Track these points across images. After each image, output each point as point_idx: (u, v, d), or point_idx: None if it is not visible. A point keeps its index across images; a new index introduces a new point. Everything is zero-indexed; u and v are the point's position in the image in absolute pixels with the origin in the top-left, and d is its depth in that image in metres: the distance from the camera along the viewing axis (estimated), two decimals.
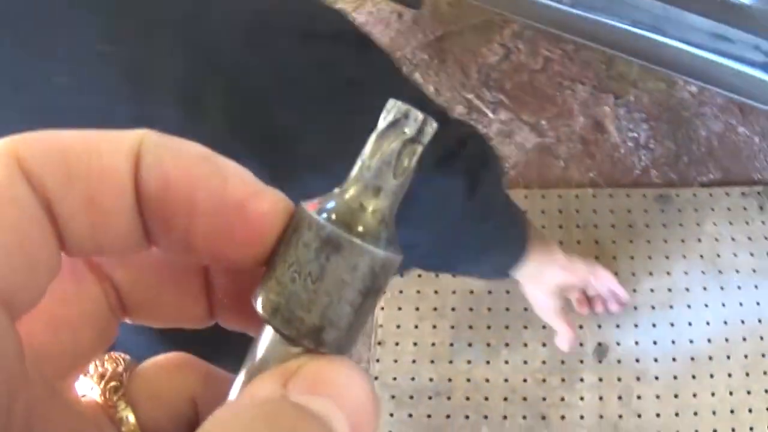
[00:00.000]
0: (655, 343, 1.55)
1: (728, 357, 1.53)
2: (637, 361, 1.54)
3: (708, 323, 1.56)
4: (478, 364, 1.54)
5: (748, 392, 1.51)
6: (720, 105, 1.76)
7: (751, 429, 1.49)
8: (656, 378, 1.53)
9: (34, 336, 0.19)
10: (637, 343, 1.55)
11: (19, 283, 0.17)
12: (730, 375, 1.52)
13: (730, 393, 1.51)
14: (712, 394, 1.51)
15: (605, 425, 1.47)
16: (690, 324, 1.56)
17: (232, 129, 0.61)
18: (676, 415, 1.51)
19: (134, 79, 0.58)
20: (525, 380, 1.52)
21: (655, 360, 1.54)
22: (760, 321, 1.55)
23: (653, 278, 1.60)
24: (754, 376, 1.51)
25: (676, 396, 1.52)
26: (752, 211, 1.63)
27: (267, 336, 0.20)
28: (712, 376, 1.52)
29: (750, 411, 1.50)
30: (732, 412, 1.50)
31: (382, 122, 0.20)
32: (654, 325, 1.56)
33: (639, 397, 1.52)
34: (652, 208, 1.68)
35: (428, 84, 1.81)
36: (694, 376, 1.52)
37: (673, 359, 1.54)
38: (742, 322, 1.55)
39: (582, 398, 1.50)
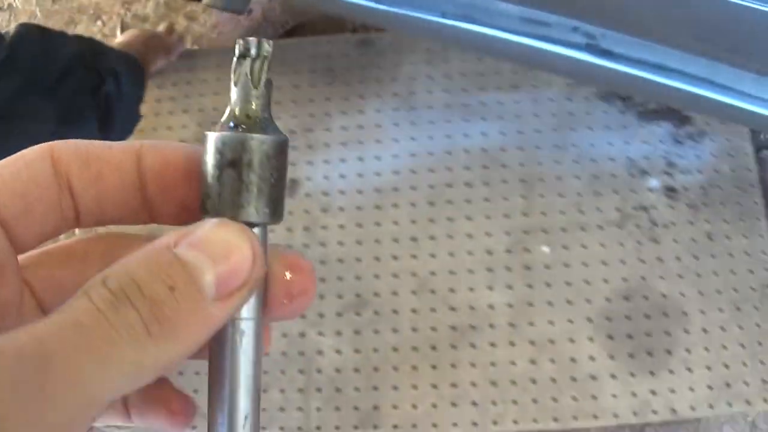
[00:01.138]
0: (342, 176, 1.56)
1: (413, 188, 1.56)
2: (325, 194, 1.55)
3: (395, 156, 1.58)
4: None
5: (431, 220, 1.54)
6: None
7: (432, 255, 1.51)
8: (341, 209, 1.55)
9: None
10: (326, 177, 1.56)
11: (14, 216, 0.26)
12: (413, 204, 1.54)
13: (413, 221, 1.53)
14: (395, 223, 1.53)
15: None
16: (378, 158, 1.58)
17: None
18: (359, 243, 1.52)
19: None
20: None
21: (342, 192, 1.56)
22: (449, 153, 1.59)
23: (346, 116, 1.62)
24: (439, 205, 1.55)
25: (359, 225, 1.53)
26: (453, 50, 1.68)
27: None
28: (396, 206, 1.54)
29: (432, 238, 1.52)
30: (413, 239, 1.52)
31: (234, 57, 0.27)
32: (343, 160, 1.58)
33: (324, 227, 1.53)
34: (353, 51, 1.71)
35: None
36: (378, 207, 1.54)
37: (359, 191, 1.55)
38: (431, 154, 1.58)
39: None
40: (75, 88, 1.25)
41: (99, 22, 1.90)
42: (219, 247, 0.24)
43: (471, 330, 1.47)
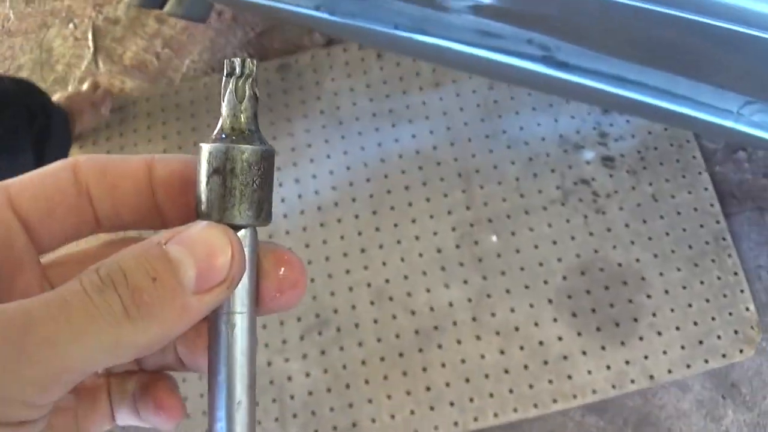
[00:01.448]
0: (283, 200, 1.55)
1: (354, 200, 1.55)
2: None
3: (331, 172, 1.58)
4: None
5: (377, 229, 1.53)
6: None
7: (384, 263, 1.50)
8: (287, 233, 1.54)
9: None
10: None
11: (37, 218, 0.30)
12: (357, 216, 1.54)
13: (359, 233, 1.53)
14: (342, 238, 1.52)
15: None
16: (314, 177, 1.58)
17: None
18: (309, 263, 1.51)
19: None
20: None
21: (285, 216, 1.55)
22: (383, 160, 1.59)
23: (277, 142, 1.62)
24: (382, 213, 1.54)
25: (307, 246, 1.52)
26: (370, 60, 1.69)
27: None
28: (339, 221, 1.54)
29: (380, 247, 1.52)
30: (363, 251, 1.51)
31: (222, 76, 0.30)
32: (280, 185, 1.57)
33: None
34: (273, 78, 1.71)
35: None
36: (322, 224, 1.53)
37: (301, 212, 1.55)
38: (365, 165, 1.58)
39: None
40: (9, 121, 1.28)
41: (71, 25, 1.92)
42: (202, 246, 0.28)
43: (435, 331, 1.46)
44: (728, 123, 0.97)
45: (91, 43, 1.89)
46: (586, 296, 1.47)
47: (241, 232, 0.29)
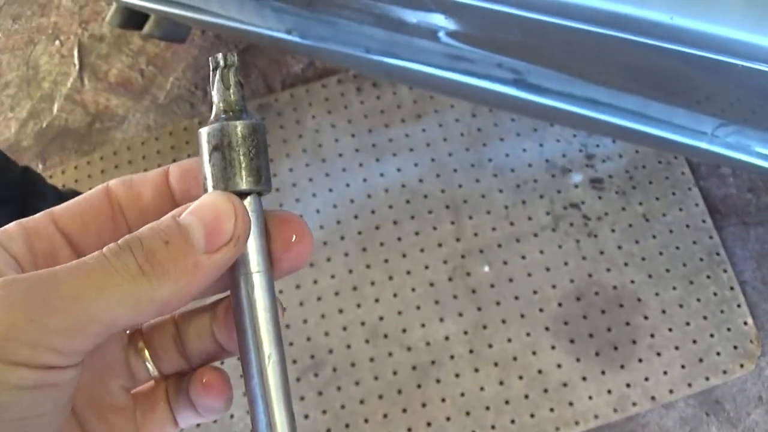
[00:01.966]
0: None
1: (342, 238, 1.56)
2: None
3: (318, 211, 1.59)
4: None
5: (367, 266, 1.54)
6: None
7: (376, 300, 1.51)
8: None
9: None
10: None
11: (76, 231, 0.35)
12: (346, 254, 1.55)
13: (349, 271, 1.54)
14: (332, 277, 1.53)
15: None
16: (301, 216, 1.58)
17: None
18: (301, 304, 1.52)
19: None
20: None
21: None
22: (370, 196, 1.60)
23: None
24: (372, 250, 1.55)
25: (298, 287, 1.53)
26: (350, 95, 1.71)
27: None
28: (329, 259, 1.55)
29: (372, 284, 1.52)
30: (354, 289, 1.52)
31: (210, 70, 0.35)
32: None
33: None
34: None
35: None
36: (311, 264, 1.54)
37: None
38: (352, 201, 1.60)
39: None
40: (11, 214, 1.27)
41: (57, 42, 1.95)
42: (209, 210, 0.32)
43: (432, 366, 1.46)
44: (703, 144, 0.99)
45: (76, 60, 1.92)
46: (583, 321, 1.48)
47: (247, 200, 0.33)
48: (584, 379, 1.44)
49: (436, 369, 1.46)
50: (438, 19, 0.97)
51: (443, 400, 1.44)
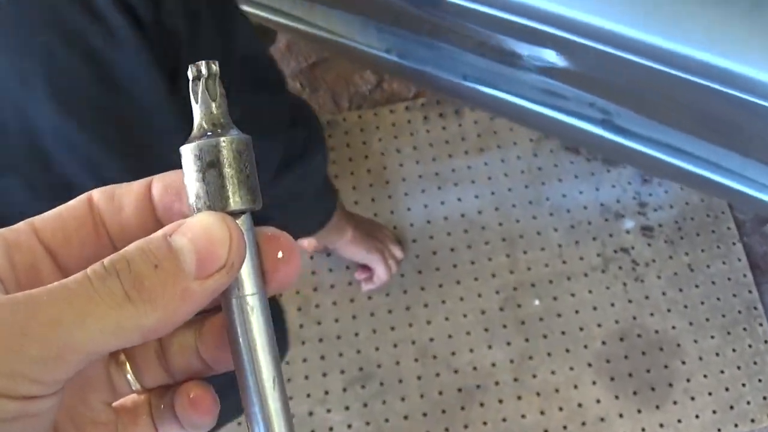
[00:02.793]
0: (328, 255, 1.67)
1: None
2: (314, 273, 1.67)
3: None
4: None
5: (422, 288, 1.66)
6: None
7: (428, 322, 1.63)
8: (332, 286, 1.66)
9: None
10: (312, 257, 1.67)
11: (58, 245, 0.34)
12: (402, 275, 1.67)
13: (404, 291, 1.66)
14: (387, 295, 1.65)
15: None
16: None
17: None
18: (354, 318, 1.63)
19: None
20: None
21: (330, 270, 1.67)
22: (428, 222, 1.72)
23: None
24: (427, 273, 1.67)
25: (352, 300, 1.65)
26: (417, 122, 1.83)
27: None
28: None
29: (425, 305, 1.64)
30: (407, 308, 1.64)
31: (190, 80, 0.33)
32: None
33: (317, 306, 1.64)
34: None
35: None
36: None
37: (347, 267, 1.67)
38: (411, 225, 1.72)
39: None
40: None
41: None
42: (202, 233, 0.30)
43: (477, 390, 1.58)
44: None
45: None
46: (624, 361, 1.59)
47: (240, 219, 0.32)
48: (621, 416, 1.56)
49: (481, 393, 1.58)
50: (549, 55, 1.06)
51: (485, 423, 1.56)
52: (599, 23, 0.91)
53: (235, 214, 0.32)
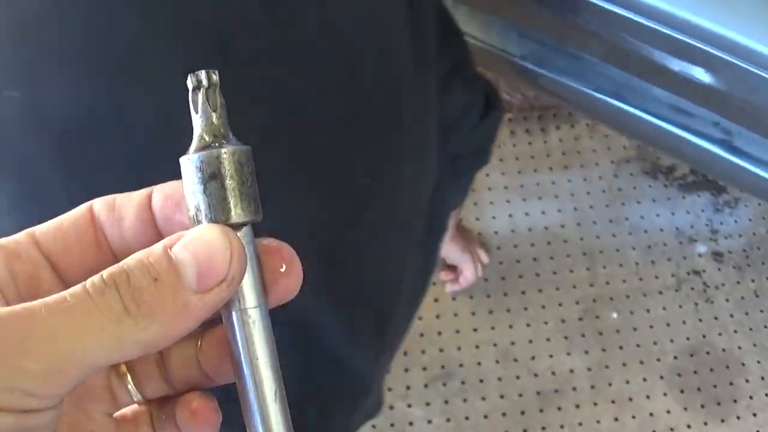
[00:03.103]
0: None
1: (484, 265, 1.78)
2: None
3: None
4: None
5: (504, 294, 1.76)
6: None
7: (510, 326, 1.73)
8: None
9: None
10: None
11: (59, 254, 0.34)
12: (486, 280, 1.77)
13: (487, 296, 1.76)
14: (471, 297, 1.76)
15: None
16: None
17: None
18: (437, 317, 1.74)
19: None
20: None
21: None
22: (513, 231, 1.83)
23: None
24: (510, 280, 1.77)
25: (436, 300, 1.77)
26: (504, 136, 1.94)
27: None
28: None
29: (508, 310, 1.75)
30: (490, 312, 1.74)
31: (190, 90, 0.33)
32: None
33: None
34: None
35: None
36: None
37: None
38: (496, 233, 1.83)
39: None
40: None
41: None
42: (203, 247, 0.30)
43: (555, 394, 1.69)
44: None
45: None
46: (694, 375, 1.71)
47: (242, 231, 0.32)
48: (689, 426, 1.67)
49: (559, 397, 1.69)
50: (698, 72, 1.08)
51: (562, 426, 1.67)
52: (758, 47, 0.95)
53: (237, 227, 0.32)
